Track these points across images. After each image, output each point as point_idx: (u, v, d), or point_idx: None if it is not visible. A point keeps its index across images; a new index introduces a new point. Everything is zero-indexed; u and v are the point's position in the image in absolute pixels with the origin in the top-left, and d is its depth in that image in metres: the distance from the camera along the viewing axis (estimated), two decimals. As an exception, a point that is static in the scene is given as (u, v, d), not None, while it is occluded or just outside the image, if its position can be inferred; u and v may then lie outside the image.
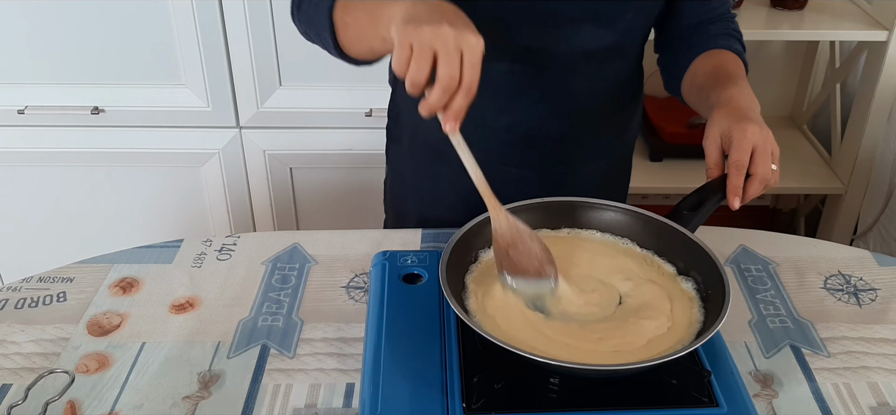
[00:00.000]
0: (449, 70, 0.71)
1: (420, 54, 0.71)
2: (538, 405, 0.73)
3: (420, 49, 0.71)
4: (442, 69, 0.71)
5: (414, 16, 0.73)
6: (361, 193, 1.77)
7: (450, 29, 0.71)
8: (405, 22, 0.73)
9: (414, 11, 0.74)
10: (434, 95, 0.72)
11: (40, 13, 1.55)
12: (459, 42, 0.71)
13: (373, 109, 1.63)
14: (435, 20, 0.71)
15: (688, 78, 1.02)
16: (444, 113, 0.74)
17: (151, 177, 1.74)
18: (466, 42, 0.72)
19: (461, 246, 0.84)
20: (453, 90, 0.72)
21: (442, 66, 0.71)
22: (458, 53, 0.71)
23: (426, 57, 0.71)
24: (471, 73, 0.72)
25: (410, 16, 0.73)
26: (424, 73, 0.71)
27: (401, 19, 0.74)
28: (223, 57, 1.59)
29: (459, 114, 0.74)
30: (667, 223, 0.88)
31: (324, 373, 0.82)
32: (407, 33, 0.72)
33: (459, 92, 0.72)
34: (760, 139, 0.85)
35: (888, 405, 0.79)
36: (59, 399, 0.78)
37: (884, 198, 1.85)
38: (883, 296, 0.96)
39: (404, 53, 0.72)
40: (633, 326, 0.77)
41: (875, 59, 1.79)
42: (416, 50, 0.71)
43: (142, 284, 0.95)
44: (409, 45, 0.71)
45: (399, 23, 0.73)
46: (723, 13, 1.05)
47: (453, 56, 0.71)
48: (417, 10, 0.74)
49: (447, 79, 0.71)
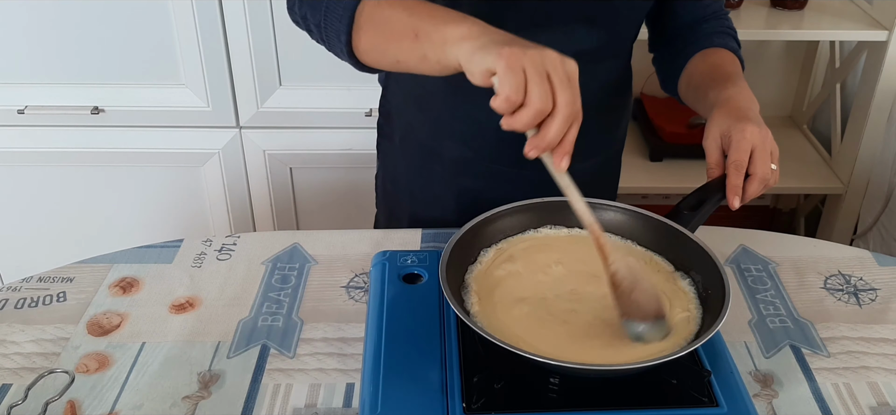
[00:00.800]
0: (569, 96, 0.64)
1: (539, 79, 0.63)
2: (538, 405, 0.73)
3: (536, 73, 0.63)
4: (563, 95, 0.64)
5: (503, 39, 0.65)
6: (362, 194, 1.77)
7: (554, 52, 0.64)
8: (501, 45, 0.64)
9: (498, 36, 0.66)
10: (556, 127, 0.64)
11: (40, 13, 1.55)
12: (566, 65, 0.65)
13: (373, 108, 1.64)
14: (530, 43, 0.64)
15: (684, 78, 1.02)
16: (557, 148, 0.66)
17: (151, 177, 1.74)
18: (570, 66, 0.65)
19: (461, 246, 0.84)
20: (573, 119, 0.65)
21: (562, 91, 0.64)
22: (567, 77, 0.64)
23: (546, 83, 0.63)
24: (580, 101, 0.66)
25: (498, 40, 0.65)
26: (549, 100, 0.63)
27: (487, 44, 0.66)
28: (223, 57, 1.59)
29: (572, 147, 0.66)
30: (667, 223, 0.88)
31: (324, 373, 0.82)
32: (515, 57, 0.63)
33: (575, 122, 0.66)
34: (759, 139, 0.85)
35: (888, 405, 0.79)
36: (59, 399, 0.78)
37: (884, 198, 1.85)
38: (883, 296, 0.96)
39: (518, 79, 0.63)
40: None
41: (875, 59, 1.79)
42: (532, 74, 0.63)
43: (142, 284, 0.95)
44: (522, 69, 0.63)
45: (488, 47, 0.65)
46: (716, 11, 1.05)
47: (566, 80, 0.64)
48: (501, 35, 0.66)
49: (570, 106, 0.64)
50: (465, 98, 1.00)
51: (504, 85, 0.64)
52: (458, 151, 1.07)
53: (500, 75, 0.64)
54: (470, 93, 0.74)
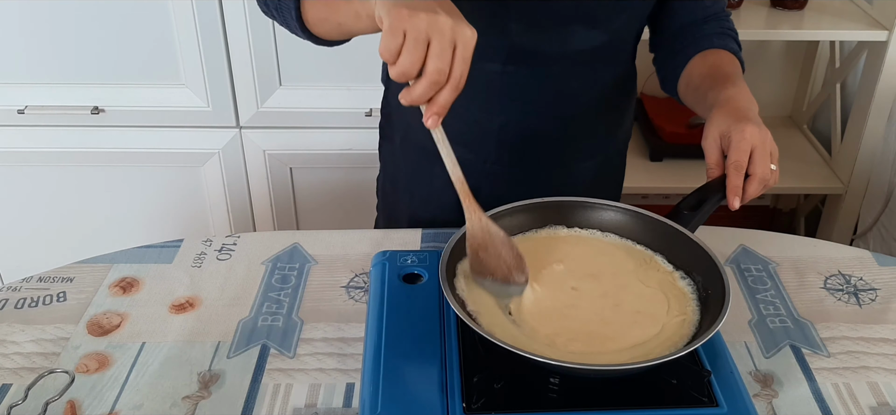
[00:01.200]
0: (440, 63, 0.67)
1: (414, 44, 0.67)
2: (538, 405, 0.73)
3: (415, 37, 0.67)
4: (432, 62, 0.67)
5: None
6: (361, 193, 1.77)
7: (447, 19, 0.67)
8: (396, 4, 0.68)
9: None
10: (421, 87, 0.69)
11: (40, 13, 1.55)
12: (455, 34, 0.68)
13: (373, 108, 1.64)
14: (430, 7, 0.67)
15: (684, 78, 1.02)
16: (427, 106, 0.70)
17: (151, 177, 1.74)
18: (462, 34, 0.68)
19: (461, 246, 0.84)
20: (441, 84, 0.69)
21: (433, 58, 0.67)
22: (451, 46, 0.68)
23: (420, 47, 0.67)
24: (461, 68, 0.69)
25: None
26: (417, 63, 0.68)
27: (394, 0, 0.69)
28: (223, 57, 1.59)
29: (444, 109, 0.70)
30: (667, 223, 0.88)
31: (324, 373, 0.82)
32: (400, 18, 0.67)
33: (447, 86, 0.69)
34: (759, 139, 0.85)
35: (888, 405, 0.79)
36: (59, 399, 0.78)
37: (884, 198, 1.85)
38: (883, 296, 0.96)
39: (396, 40, 0.67)
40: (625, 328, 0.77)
41: (875, 59, 1.79)
42: (410, 38, 0.67)
43: (142, 284, 0.95)
44: (403, 31, 0.67)
45: (388, 3, 0.69)
46: (717, 12, 1.05)
47: (447, 48, 0.67)
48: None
49: (437, 73, 0.68)
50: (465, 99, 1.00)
51: (382, 41, 0.68)
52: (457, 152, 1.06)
53: (383, 32, 0.68)
54: (470, 94, 0.74)
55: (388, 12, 0.68)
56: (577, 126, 1.06)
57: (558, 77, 1.01)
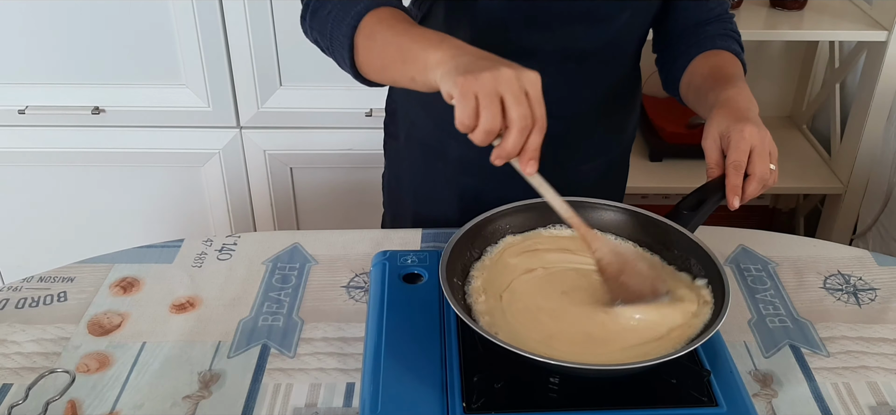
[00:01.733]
0: (522, 110, 0.69)
1: (489, 103, 0.68)
2: (538, 405, 0.73)
3: (487, 97, 0.68)
4: (514, 111, 0.69)
5: (465, 65, 0.70)
6: (362, 193, 1.77)
7: (509, 70, 0.69)
8: (459, 73, 0.70)
9: (463, 61, 0.71)
10: (512, 139, 0.69)
11: (41, 13, 1.55)
12: (522, 80, 0.70)
13: (373, 108, 1.64)
14: (490, 65, 0.69)
15: (686, 78, 1.02)
16: (521, 155, 0.71)
17: (152, 177, 1.74)
18: (527, 78, 0.70)
19: (461, 246, 0.85)
20: (530, 130, 0.70)
21: (514, 108, 0.69)
22: (523, 92, 0.69)
23: (496, 104, 0.68)
24: (540, 109, 0.70)
25: (462, 66, 0.70)
26: (498, 120, 0.69)
27: (452, 71, 0.71)
28: (223, 57, 1.59)
29: (537, 152, 0.71)
30: (667, 223, 0.88)
31: (324, 373, 0.82)
32: (468, 84, 0.69)
33: (534, 131, 0.71)
34: (758, 139, 0.85)
35: (888, 405, 0.79)
36: (60, 399, 0.78)
37: (883, 198, 1.85)
38: (882, 296, 0.96)
39: (470, 105, 0.69)
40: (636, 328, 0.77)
41: (875, 60, 1.79)
42: (484, 99, 0.68)
43: (142, 283, 0.96)
44: (474, 95, 0.69)
45: (452, 75, 0.70)
46: (720, 14, 1.05)
47: (521, 96, 0.69)
48: (466, 59, 0.71)
49: (522, 119, 0.69)
50: None
51: (458, 111, 0.69)
52: (461, 151, 1.07)
53: (456, 103, 0.70)
54: None
55: (455, 83, 0.70)
56: (579, 127, 1.06)
57: (561, 77, 1.01)
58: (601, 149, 1.11)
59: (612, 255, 0.80)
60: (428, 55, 0.75)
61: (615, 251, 0.80)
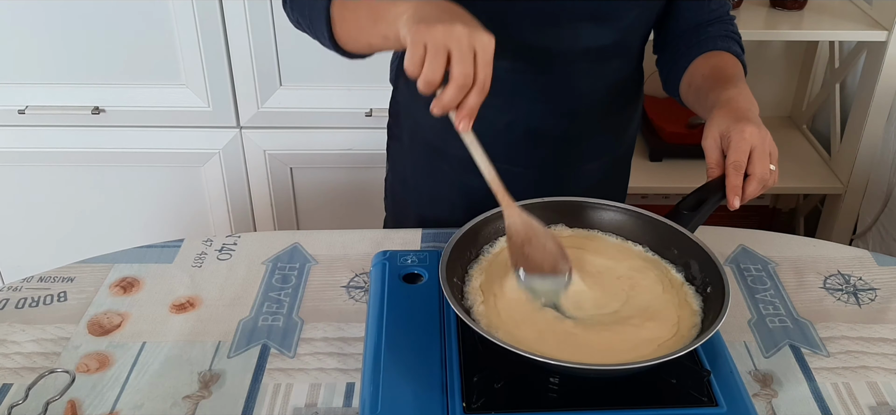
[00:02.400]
0: (463, 68, 0.71)
1: (434, 54, 0.71)
2: (538, 405, 0.73)
3: (434, 48, 0.71)
4: (457, 68, 0.71)
5: (425, 15, 0.73)
6: (362, 193, 1.77)
7: (463, 27, 0.71)
8: (416, 21, 0.73)
9: (423, 11, 0.74)
10: (448, 94, 0.72)
11: (41, 13, 1.55)
12: (473, 40, 0.72)
13: (373, 108, 1.64)
14: (447, 19, 0.72)
15: (686, 79, 1.02)
16: (457, 111, 0.74)
17: (152, 177, 1.74)
18: (479, 40, 0.72)
19: (461, 246, 0.85)
20: (468, 88, 0.73)
21: (456, 64, 0.71)
22: (471, 52, 0.72)
23: (441, 56, 0.71)
24: (484, 71, 0.73)
25: (421, 15, 0.73)
26: (439, 72, 0.72)
27: (411, 18, 0.74)
28: (223, 57, 1.59)
29: (473, 112, 0.74)
30: (667, 223, 0.88)
31: (324, 372, 0.82)
32: (420, 32, 0.72)
33: (473, 90, 0.73)
34: (758, 140, 0.85)
35: (888, 405, 0.79)
36: (60, 399, 0.78)
37: (883, 198, 1.85)
38: (882, 296, 0.96)
39: (418, 53, 0.72)
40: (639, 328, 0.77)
41: (875, 60, 1.79)
42: (431, 49, 0.71)
43: (142, 283, 0.96)
44: (423, 44, 0.72)
45: (409, 22, 0.74)
46: (722, 15, 1.05)
47: (467, 54, 0.71)
48: (427, 10, 0.74)
49: (462, 77, 0.72)
50: None
51: (406, 56, 0.73)
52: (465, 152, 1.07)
53: (407, 48, 0.73)
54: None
55: (409, 30, 0.73)
56: (583, 126, 1.06)
57: (566, 76, 1.01)
58: (604, 148, 1.12)
59: (522, 224, 0.82)
60: (396, 7, 0.77)
61: (526, 222, 0.82)
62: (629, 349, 0.75)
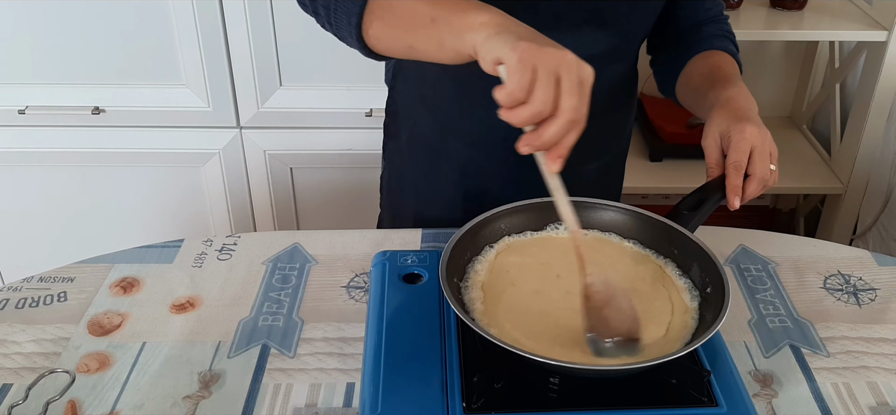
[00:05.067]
0: (575, 102, 0.62)
1: (547, 79, 0.62)
2: (538, 405, 0.73)
3: (547, 75, 0.62)
4: (568, 100, 0.62)
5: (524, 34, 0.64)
6: (362, 193, 1.77)
7: (571, 55, 0.63)
8: (519, 39, 0.63)
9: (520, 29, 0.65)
10: (555, 128, 0.63)
11: (41, 13, 1.55)
12: (582, 70, 0.64)
13: (373, 108, 1.64)
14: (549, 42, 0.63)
15: (683, 79, 1.02)
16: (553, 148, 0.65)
17: (152, 177, 1.74)
18: (586, 71, 0.64)
19: (461, 246, 0.85)
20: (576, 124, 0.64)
21: (568, 96, 0.62)
22: (580, 83, 0.63)
23: (553, 83, 0.62)
24: (586, 108, 0.64)
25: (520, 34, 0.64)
26: (551, 102, 0.62)
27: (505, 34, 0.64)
28: (223, 57, 1.59)
29: (568, 152, 0.66)
30: (667, 223, 0.88)
31: (324, 373, 0.82)
32: (530, 54, 0.62)
33: (575, 128, 0.65)
34: (758, 139, 0.85)
35: (888, 405, 0.79)
36: (60, 399, 0.78)
37: (883, 198, 1.85)
38: (882, 296, 0.96)
39: (526, 77, 0.62)
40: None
41: (875, 60, 1.79)
42: (543, 75, 0.62)
43: (142, 283, 0.96)
44: (533, 67, 0.62)
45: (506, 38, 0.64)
46: (716, 15, 1.05)
47: (577, 86, 0.63)
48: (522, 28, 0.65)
49: (574, 112, 0.63)
50: (473, 99, 1.00)
51: (511, 79, 0.63)
52: (464, 152, 1.07)
53: (510, 68, 0.63)
54: (478, 94, 0.74)
55: (513, 48, 0.63)
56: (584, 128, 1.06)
57: None
58: (602, 149, 1.11)
59: (602, 284, 0.75)
60: (469, 16, 0.68)
61: (605, 282, 0.75)
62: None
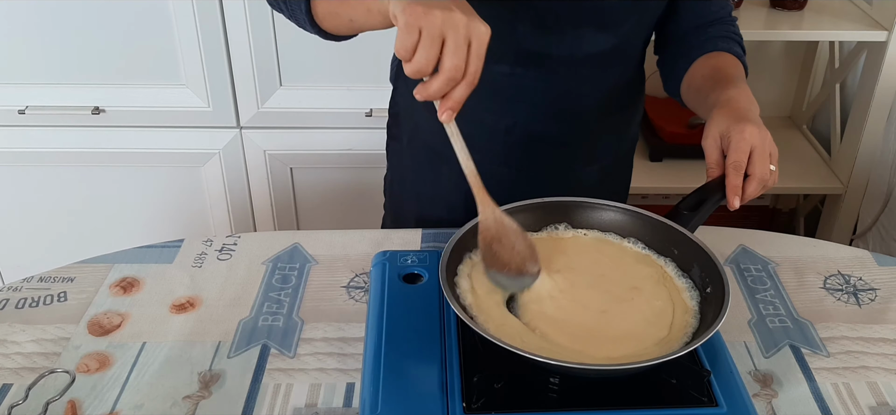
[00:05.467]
0: (456, 60, 0.69)
1: (429, 40, 0.68)
2: (538, 405, 0.73)
3: (430, 35, 0.68)
4: (449, 59, 0.69)
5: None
6: (362, 193, 1.77)
7: (461, 15, 0.68)
8: (412, 1, 0.69)
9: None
10: (437, 84, 0.70)
11: (41, 13, 1.55)
12: (469, 30, 0.69)
13: (373, 109, 1.64)
14: (444, 5, 0.69)
15: (687, 80, 1.02)
16: (442, 101, 0.72)
17: (152, 177, 1.74)
18: (476, 30, 0.69)
19: (461, 246, 0.85)
20: (457, 81, 0.70)
21: (449, 55, 0.69)
22: (466, 42, 0.69)
23: (436, 44, 0.68)
24: (476, 64, 0.70)
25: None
26: (433, 60, 0.69)
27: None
28: (224, 57, 1.59)
29: (459, 104, 0.72)
30: (667, 223, 0.88)
31: (324, 373, 0.82)
32: (416, 15, 0.68)
33: (463, 82, 0.70)
34: (759, 140, 0.85)
35: (888, 405, 0.79)
36: (60, 399, 0.78)
37: (883, 198, 1.85)
38: (882, 296, 0.96)
39: (411, 37, 0.69)
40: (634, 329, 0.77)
41: (875, 60, 1.79)
42: (426, 35, 0.68)
43: (142, 284, 0.96)
44: (418, 28, 0.68)
45: (403, 1, 0.70)
46: (723, 16, 1.05)
47: (462, 45, 0.69)
48: None
49: (454, 70, 0.69)
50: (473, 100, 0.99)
51: (398, 39, 0.70)
52: None
53: (399, 29, 0.69)
54: (478, 95, 0.74)
55: (404, 10, 0.69)
56: (584, 129, 1.06)
57: (567, 80, 1.01)
58: (604, 150, 1.11)
59: (494, 221, 0.81)
60: None
61: (499, 220, 0.81)
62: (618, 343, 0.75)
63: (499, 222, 0.81)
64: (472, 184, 0.80)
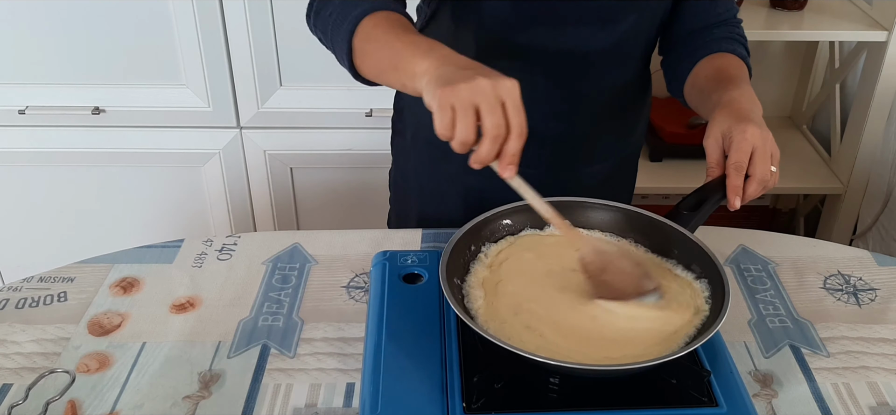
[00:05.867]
0: (494, 119, 0.71)
1: (463, 113, 0.71)
2: (538, 405, 0.73)
3: (462, 108, 0.71)
4: (487, 120, 0.71)
5: (446, 77, 0.73)
6: (362, 193, 1.77)
7: (485, 80, 0.71)
8: (439, 85, 0.72)
9: (443, 72, 0.74)
10: (484, 148, 0.72)
11: (41, 13, 1.55)
12: (498, 91, 0.71)
13: (373, 109, 1.64)
14: (466, 76, 0.72)
15: (690, 80, 1.02)
16: (499, 161, 0.73)
17: (152, 177, 1.74)
18: (504, 88, 0.72)
19: (461, 246, 0.85)
20: (502, 139, 0.72)
21: (486, 117, 0.71)
22: (499, 102, 0.71)
23: (469, 114, 0.71)
24: (517, 118, 0.72)
25: (442, 77, 0.73)
26: (472, 131, 0.71)
27: (432, 82, 0.73)
28: (224, 57, 1.59)
29: (515, 158, 0.73)
30: (667, 223, 0.88)
31: (324, 373, 0.82)
32: (445, 96, 0.71)
33: (511, 137, 0.72)
34: (760, 140, 0.85)
35: (888, 405, 0.79)
36: (60, 399, 0.78)
37: (883, 198, 1.85)
38: (882, 296, 0.96)
39: (447, 116, 0.71)
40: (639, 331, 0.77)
41: (875, 60, 1.79)
42: (459, 110, 0.71)
43: (142, 284, 0.96)
44: (451, 107, 0.71)
45: (432, 86, 0.73)
46: (728, 18, 1.05)
47: (495, 105, 0.71)
48: (446, 70, 0.74)
49: (495, 128, 0.71)
50: None
51: (436, 122, 0.73)
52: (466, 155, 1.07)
53: (434, 114, 0.73)
54: None
55: (433, 95, 0.73)
56: (586, 128, 1.06)
57: (568, 78, 1.01)
58: (607, 151, 1.11)
59: (594, 253, 0.81)
60: (415, 64, 0.77)
61: (598, 250, 0.81)
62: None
63: (599, 253, 0.81)
64: (558, 226, 0.80)
